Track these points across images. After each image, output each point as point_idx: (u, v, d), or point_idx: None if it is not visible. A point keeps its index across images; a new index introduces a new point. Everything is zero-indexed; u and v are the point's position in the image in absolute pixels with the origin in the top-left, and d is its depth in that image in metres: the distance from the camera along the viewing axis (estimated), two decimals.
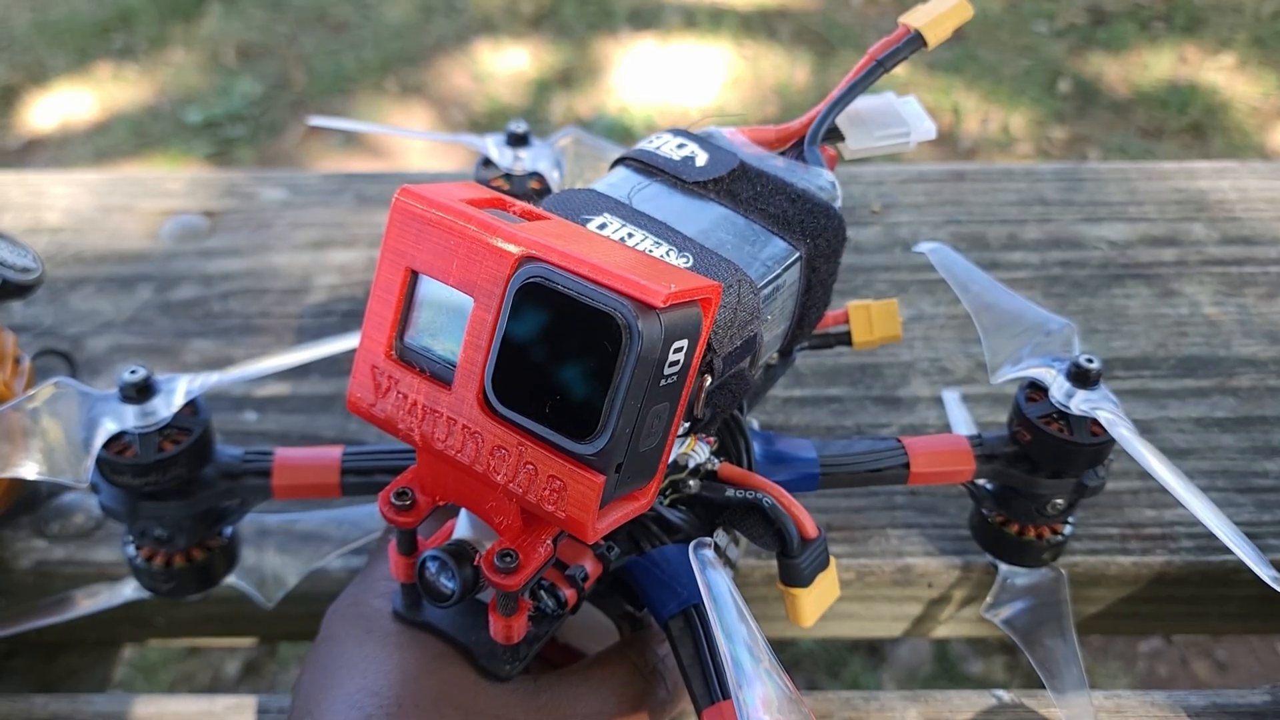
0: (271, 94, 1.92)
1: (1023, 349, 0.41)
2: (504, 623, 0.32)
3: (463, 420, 0.28)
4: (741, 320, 0.31)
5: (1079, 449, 0.39)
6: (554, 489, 0.27)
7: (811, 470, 0.39)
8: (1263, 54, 1.91)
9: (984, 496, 0.43)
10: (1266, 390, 0.54)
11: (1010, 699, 0.44)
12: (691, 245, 0.32)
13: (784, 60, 1.92)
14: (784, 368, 0.41)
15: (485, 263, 0.27)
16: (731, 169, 0.35)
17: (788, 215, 0.34)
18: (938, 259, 0.42)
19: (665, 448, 0.28)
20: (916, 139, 0.39)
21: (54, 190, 0.69)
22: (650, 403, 0.26)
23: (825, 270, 0.35)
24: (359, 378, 0.30)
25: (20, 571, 0.48)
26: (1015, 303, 0.42)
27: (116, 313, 0.60)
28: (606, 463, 0.26)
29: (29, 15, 2.10)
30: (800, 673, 1.06)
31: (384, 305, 0.29)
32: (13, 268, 0.44)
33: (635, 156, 0.36)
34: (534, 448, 0.27)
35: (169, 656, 1.09)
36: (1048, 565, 0.45)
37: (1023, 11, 2.04)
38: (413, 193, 0.28)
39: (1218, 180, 0.68)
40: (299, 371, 0.56)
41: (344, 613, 0.37)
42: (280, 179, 0.70)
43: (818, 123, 0.37)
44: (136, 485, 0.38)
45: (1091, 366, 0.39)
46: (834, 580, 0.36)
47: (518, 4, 2.12)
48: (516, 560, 0.29)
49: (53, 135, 1.85)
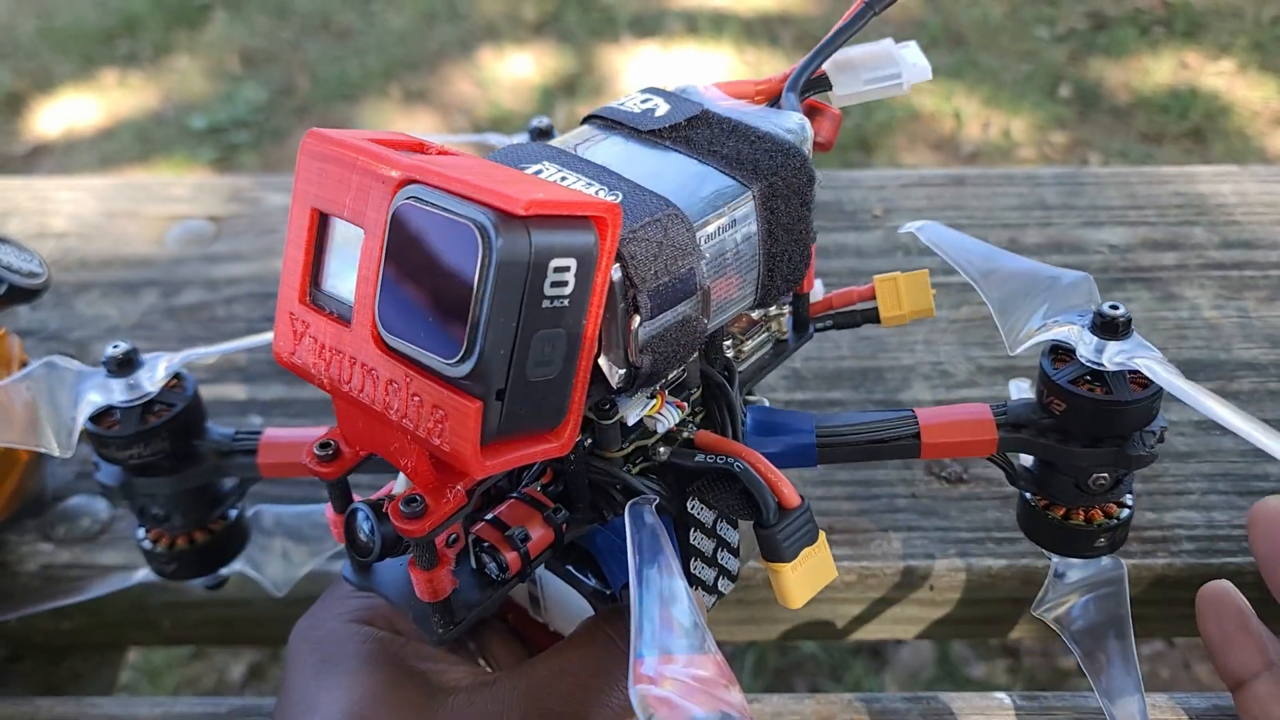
0: (276, 100, 1.92)
1: (1039, 311, 0.37)
2: (424, 577, 0.30)
3: (361, 357, 0.27)
4: (669, 255, 0.29)
5: (1122, 409, 0.35)
6: (438, 419, 0.26)
7: (806, 440, 0.36)
8: (1263, 59, 1.91)
9: (1020, 474, 0.39)
10: (1267, 393, 0.55)
11: (1012, 702, 0.44)
12: (625, 184, 0.30)
13: (786, 66, 1.92)
14: (799, 343, 0.38)
15: (372, 191, 0.26)
16: (691, 116, 0.34)
17: (741, 155, 0.33)
18: (928, 235, 0.39)
19: (574, 384, 0.27)
20: (910, 81, 0.36)
21: (60, 196, 0.69)
22: (532, 326, 0.25)
23: (788, 213, 0.33)
24: (280, 327, 0.30)
25: (26, 575, 0.49)
26: (1021, 264, 0.39)
27: (122, 317, 0.61)
28: (483, 387, 0.25)
29: (34, 22, 2.11)
30: (802, 676, 1.06)
31: (296, 249, 0.29)
32: (19, 273, 0.44)
33: (599, 113, 0.35)
34: (420, 378, 0.26)
35: (174, 660, 1.10)
36: (1106, 555, 0.40)
37: (1023, 17, 2.05)
38: (317, 133, 0.28)
39: (1218, 184, 0.68)
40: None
41: (304, 636, 0.36)
42: (285, 184, 0.70)
43: (800, 68, 0.36)
44: (123, 459, 0.38)
45: (1118, 313, 0.35)
46: (826, 560, 0.33)
47: (520, 10, 2.12)
48: (423, 505, 0.28)
49: (58, 141, 1.85)
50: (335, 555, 0.48)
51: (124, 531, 0.50)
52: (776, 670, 1.06)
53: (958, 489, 0.50)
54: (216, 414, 0.55)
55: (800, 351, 0.57)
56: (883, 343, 0.58)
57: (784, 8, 2.08)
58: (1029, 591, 0.44)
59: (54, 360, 0.38)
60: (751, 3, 2.10)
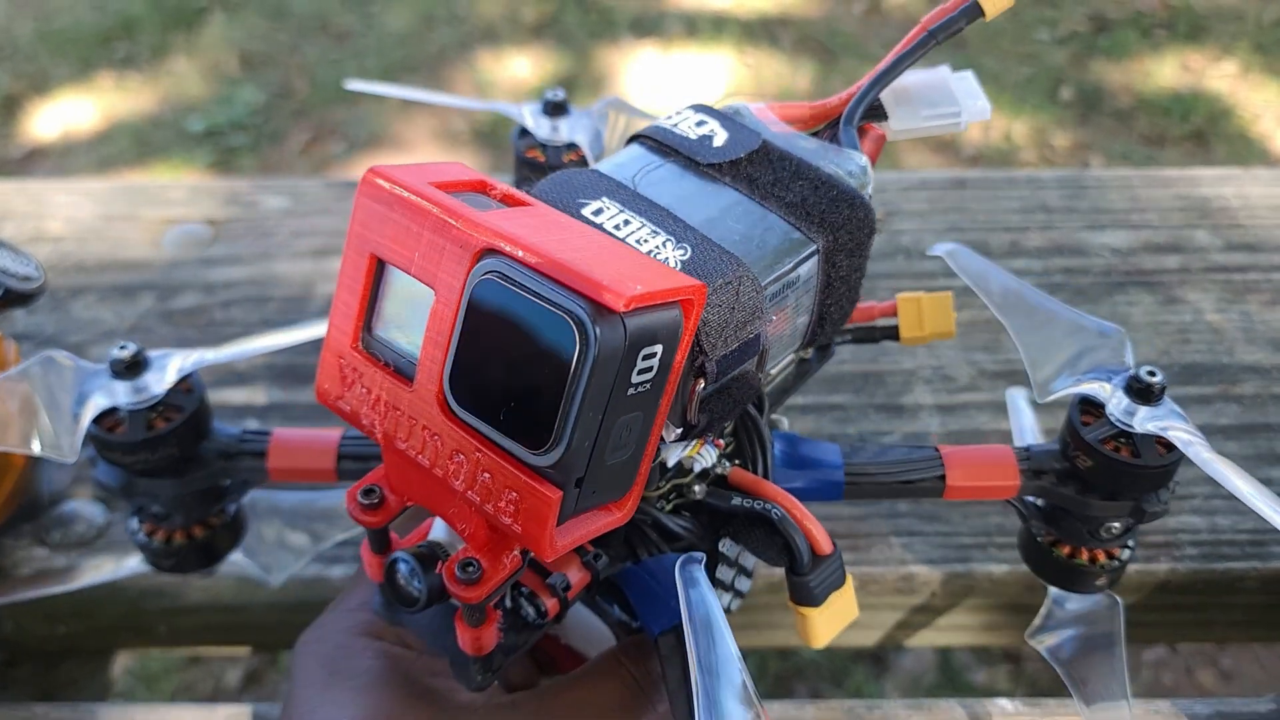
0: (274, 103, 1.92)
1: (1069, 360, 0.37)
2: (471, 634, 0.30)
3: (423, 420, 0.26)
4: (740, 320, 0.28)
5: (1144, 472, 0.35)
6: (510, 501, 0.25)
7: (835, 478, 0.36)
8: (1265, 61, 1.91)
9: (1032, 514, 0.39)
10: (1270, 397, 0.54)
11: (1014, 708, 0.43)
12: (692, 235, 0.29)
13: (786, 69, 1.92)
14: (820, 363, 0.38)
15: (446, 253, 0.25)
16: (751, 150, 0.32)
17: (808, 204, 0.31)
18: (956, 262, 0.39)
19: (642, 460, 0.26)
20: (969, 119, 0.35)
21: (56, 199, 0.69)
22: (616, 414, 0.24)
23: (847, 265, 0.32)
24: (326, 368, 0.28)
25: (21, 580, 0.48)
26: (1049, 305, 0.38)
27: (118, 321, 0.60)
28: (564, 477, 0.24)
29: (32, 24, 2.11)
30: (803, 682, 1.05)
31: (350, 294, 0.27)
32: (15, 276, 0.44)
33: (650, 134, 0.33)
34: (491, 455, 0.25)
35: (170, 665, 1.09)
36: (1101, 591, 0.41)
37: (1025, 19, 2.05)
38: (381, 172, 0.26)
39: (1221, 187, 0.68)
40: (301, 378, 0.56)
41: (312, 650, 0.35)
42: (282, 187, 0.70)
43: (857, 99, 0.34)
44: (129, 463, 0.37)
45: (1154, 380, 0.35)
46: (851, 600, 0.33)
47: (520, 12, 2.12)
48: (479, 571, 0.28)
49: (55, 144, 1.85)
50: (325, 561, 0.47)
51: (120, 536, 0.49)
52: (777, 676, 1.06)
53: None
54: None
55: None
56: (884, 346, 0.57)
57: (784, 10, 2.08)
58: (1031, 597, 0.44)
59: (51, 355, 0.37)
60: (751, 4, 2.10)
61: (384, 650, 0.34)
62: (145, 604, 0.49)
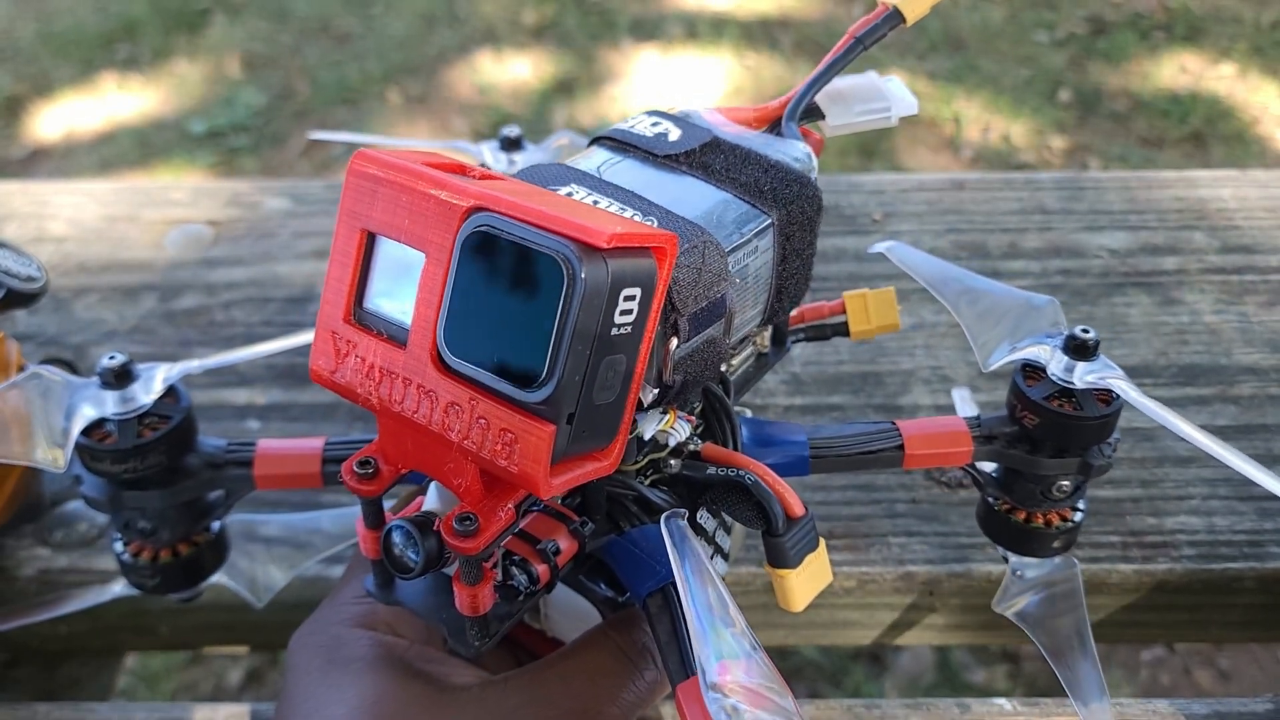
0: (275, 104, 1.92)
1: (1010, 331, 0.40)
2: (468, 592, 0.31)
3: (417, 379, 0.28)
4: (707, 281, 0.31)
5: (1088, 423, 0.38)
6: (506, 442, 0.26)
7: (801, 453, 0.38)
8: (1263, 63, 1.91)
9: (988, 482, 0.42)
10: (1267, 398, 0.54)
11: (1012, 708, 0.44)
12: (657, 210, 0.32)
13: (785, 70, 1.93)
14: (777, 357, 0.40)
15: (435, 217, 0.27)
16: (704, 142, 0.35)
17: (760, 184, 0.34)
18: (897, 256, 0.41)
19: (626, 406, 0.28)
20: (898, 114, 0.38)
21: (59, 200, 0.69)
22: (602, 352, 0.26)
23: (800, 239, 0.35)
24: (320, 345, 0.30)
25: (24, 580, 0.48)
26: (988, 285, 0.41)
27: (120, 322, 0.61)
28: (556, 411, 0.26)
29: (34, 26, 2.11)
30: (802, 681, 1.05)
31: (341, 269, 0.29)
32: (17, 277, 0.44)
33: (609, 135, 0.36)
34: (486, 401, 0.27)
35: (171, 665, 1.09)
36: (1060, 555, 0.43)
37: (1023, 21, 2.05)
38: (367, 155, 0.28)
39: (1218, 189, 0.68)
40: (300, 380, 0.56)
41: (305, 642, 0.36)
42: (284, 189, 0.70)
43: (796, 100, 0.38)
44: (117, 472, 0.38)
45: (1089, 337, 0.38)
46: (825, 564, 0.35)
47: (520, 15, 2.13)
48: (476, 523, 0.29)
49: (57, 145, 1.85)
50: (327, 561, 0.48)
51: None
52: None
53: (957, 494, 0.50)
54: (215, 419, 0.55)
55: (800, 357, 0.58)
56: (882, 347, 0.58)
57: (783, 12, 2.08)
58: None
59: (40, 371, 0.38)
60: (751, 6, 2.10)
61: (377, 639, 0.35)
62: (147, 604, 0.49)
